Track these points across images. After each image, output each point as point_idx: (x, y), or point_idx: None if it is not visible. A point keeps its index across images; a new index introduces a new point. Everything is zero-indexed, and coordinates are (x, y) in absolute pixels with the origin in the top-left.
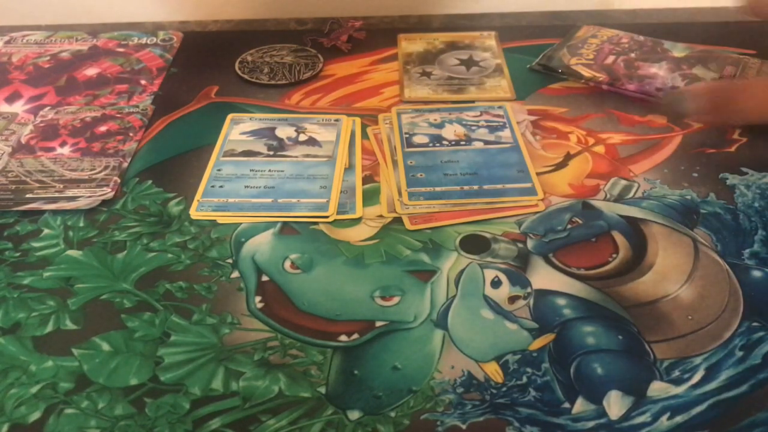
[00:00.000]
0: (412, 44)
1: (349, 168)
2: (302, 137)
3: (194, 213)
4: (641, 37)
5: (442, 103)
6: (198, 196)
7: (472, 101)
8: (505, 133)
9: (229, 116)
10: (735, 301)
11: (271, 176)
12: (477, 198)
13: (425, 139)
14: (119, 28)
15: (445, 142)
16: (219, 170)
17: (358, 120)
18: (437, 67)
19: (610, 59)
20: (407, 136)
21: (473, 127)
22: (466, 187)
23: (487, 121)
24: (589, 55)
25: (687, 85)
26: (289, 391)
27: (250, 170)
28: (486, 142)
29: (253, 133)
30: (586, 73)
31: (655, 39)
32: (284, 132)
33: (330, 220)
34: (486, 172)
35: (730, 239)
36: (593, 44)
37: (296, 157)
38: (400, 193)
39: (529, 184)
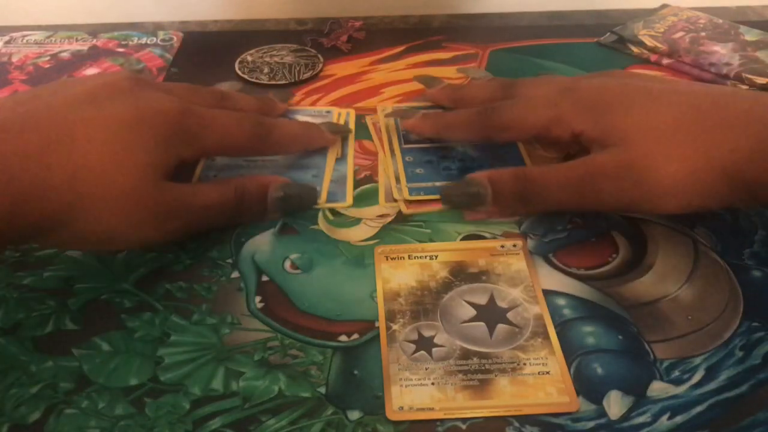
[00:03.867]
0: None
1: (342, 158)
2: None
3: None
4: (720, 20)
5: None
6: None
7: None
8: None
9: None
10: (735, 301)
11: (264, 165)
12: None
13: None
14: (119, 28)
15: None
16: (213, 159)
17: (352, 111)
18: None
19: (679, 35)
20: (404, 132)
21: None
22: None
23: None
24: (660, 29)
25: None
26: (289, 391)
27: (244, 160)
28: None
29: None
30: (649, 42)
31: (734, 23)
32: None
33: (320, 206)
34: (484, 166)
35: (731, 239)
36: (670, 21)
37: None
38: (398, 180)
39: None
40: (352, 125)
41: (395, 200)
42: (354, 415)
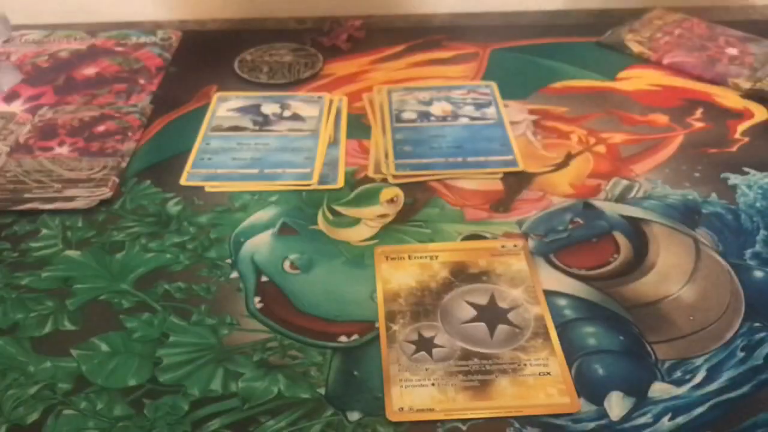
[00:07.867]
0: None
1: (334, 143)
2: (286, 113)
3: (184, 182)
4: (703, 23)
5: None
6: (188, 167)
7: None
8: (491, 110)
9: (216, 94)
10: (736, 302)
11: (257, 149)
12: (461, 169)
13: (413, 116)
14: (118, 28)
15: (432, 119)
16: (207, 144)
17: (345, 99)
18: None
19: (664, 39)
20: (397, 112)
21: (460, 105)
22: (450, 159)
23: (473, 99)
24: (645, 34)
25: None
26: (289, 392)
27: (237, 144)
28: (471, 119)
29: (239, 110)
30: (635, 48)
31: (712, 24)
32: (269, 108)
33: (311, 187)
34: (470, 145)
35: (732, 239)
36: (655, 25)
37: (281, 131)
38: (386, 156)
39: (510, 157)
40: (344, 111)
41: (383, 174)
42: (354, 416)
